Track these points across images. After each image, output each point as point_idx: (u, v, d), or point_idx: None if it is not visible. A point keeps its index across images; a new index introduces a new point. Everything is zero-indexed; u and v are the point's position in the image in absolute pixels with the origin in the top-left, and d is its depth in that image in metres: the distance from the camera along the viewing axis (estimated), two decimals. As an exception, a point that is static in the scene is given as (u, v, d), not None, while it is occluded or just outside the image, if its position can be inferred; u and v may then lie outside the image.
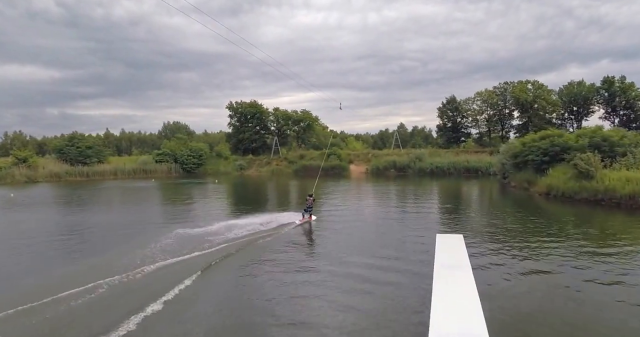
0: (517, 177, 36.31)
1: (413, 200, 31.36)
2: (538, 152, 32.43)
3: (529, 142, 34.63)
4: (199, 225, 19.98)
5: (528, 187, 33.46)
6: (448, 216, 23.35)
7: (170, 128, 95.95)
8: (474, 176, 57.84)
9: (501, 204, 28.66)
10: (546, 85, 73.16)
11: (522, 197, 30.69)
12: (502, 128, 77.02)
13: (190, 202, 33.40)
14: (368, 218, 23.50)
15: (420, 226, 20.37)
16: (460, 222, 21.17)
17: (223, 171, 78.51)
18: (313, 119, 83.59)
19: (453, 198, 33.42)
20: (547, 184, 29.06)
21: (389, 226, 20.64)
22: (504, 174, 42.31)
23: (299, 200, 31.26)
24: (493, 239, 17.04)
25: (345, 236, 18.29)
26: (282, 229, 19.37)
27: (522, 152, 34.80)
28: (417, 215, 24.02)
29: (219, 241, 16.27)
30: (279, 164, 77.12)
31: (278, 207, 27.62)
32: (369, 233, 19.10)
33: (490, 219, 21.81)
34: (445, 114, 78.46)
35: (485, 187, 43.61)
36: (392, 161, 66.21)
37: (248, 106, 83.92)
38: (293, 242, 17.05)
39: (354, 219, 22.93)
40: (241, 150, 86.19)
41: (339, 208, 27.05)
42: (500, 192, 37.06)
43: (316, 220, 21.80)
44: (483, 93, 75.57)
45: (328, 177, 65.98)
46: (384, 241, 16.98)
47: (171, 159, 79.32)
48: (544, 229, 18.80)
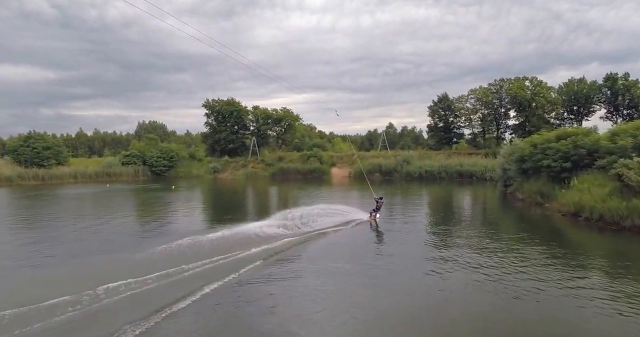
0: (527, 187, 27.71)
1: (389, 219, 22.62)
2: (557, 156, 23.81)
3: (541, 142, 26.01)
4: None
5: (542, 202, 24.86)
6: (433, 254, 14.63)
7: (145, 128, 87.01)
8: (467, 182, 49.24)
9: (512, 228, 19.96)
10: (545, 82, 64.77)
11: (537, 218, 22.10)
12: (497, 128, 68.55)
13: (96, 224, 24.43)
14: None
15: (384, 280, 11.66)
16: (454, 271, 12.47)
17: (195, 173, 69.67)
18: (294, 118, 74.78)
19: (442, 215, 24.81)
20: (574, 201, 20.43)
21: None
22: (505, 182, 33.74)
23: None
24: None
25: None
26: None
27: (533, 156, 26.21)
28: (388, 257, 15.30)
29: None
30: (255, 167, 68.32)
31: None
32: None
33: (509, 267, 13.10)
34: (437, 113, 69.89)
35: (483, 197, 35.04)
36: (376, 164, 57.52)
37: (225, 104, 75.10)
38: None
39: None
40: (218, 152, 77.39)
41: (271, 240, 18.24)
42: (503, 207, 28.45)
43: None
44: (477, 91, 67.10)
45: (307, 182, 57.39)
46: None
47: (139, 161, 70.37)
48: (606, 292, 10.16)
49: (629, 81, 61.84)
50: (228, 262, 13.08)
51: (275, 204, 32.57)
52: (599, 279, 11.37)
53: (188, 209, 28.70)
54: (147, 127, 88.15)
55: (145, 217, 25.30)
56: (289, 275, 12.10)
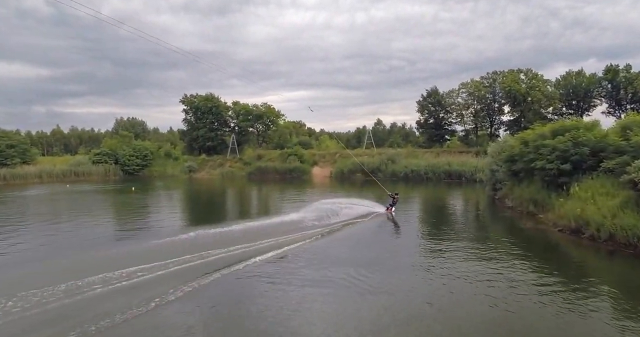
0: (517, 193, 23.01)
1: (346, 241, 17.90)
2: (553, 156, 19.06)
3: (534, 139, 21.27)
4: None
5: (535, 212, 20.16)
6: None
7: (123, 125, 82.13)
8: (456, 183, 44.52)
9: (493, 249, 15.14)
10: (541, 75, 59.93)
11: (528, 234, 17.35)
12: (490, 124, 63.69)
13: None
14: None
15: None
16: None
17: (170, 173, 64.92)
18: (275, 114, 69.93)
19: (414, 226, 20.10)
20: (574, 214, 15.70)
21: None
22: (494, 185, 29.02)
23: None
24: None
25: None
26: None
27: (524, 155, 21.49)
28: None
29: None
30: (232, 166, 63.54)
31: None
32: None
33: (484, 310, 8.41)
34: (426, 108, 65.02)
35: (468, 203, 30.34)
36: (360, 163, 52.69)
37: (203, 99, 70.23)
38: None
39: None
40: (197, 150, 72.65)
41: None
42: (489, 216, 23.72)
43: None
44: (469, 84, 62.22)
45: (284, 183, 52.69)
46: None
47: (111, 160, 65.63)
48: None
49: (631, 73, 57.01)
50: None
51: (222, 219, 27.84)
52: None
53: (111, 224, 23.91)
54: (125, 124, 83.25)
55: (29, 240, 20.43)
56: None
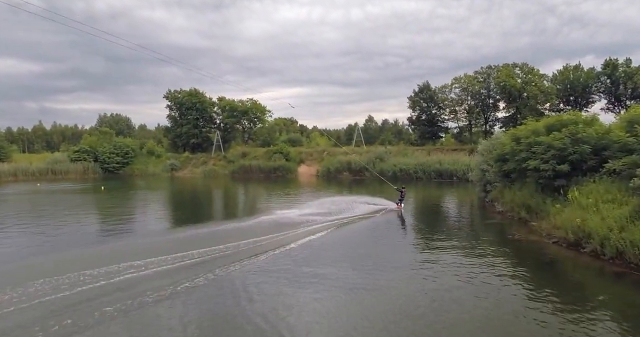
0: (508, 196, 20.42)
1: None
2: (548, 155, 16.44)
3: (526, 135, 18.63)
4: None
5: (528, 219, 17.58)
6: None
7: (107, 121, 79.14)
8: (447, 183, 41.96)
9: (477, 262, 12.50)
10: (537, 69, 57.27)
11: (518, 246, 14.70)
12: (485, 121, 61.09)
13: None
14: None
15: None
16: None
17: (152, 171, 62.20)
18: (262, 109, 67.17)
19: (392, 230, 17.50)
20: (573, 225, 13.09)
21: None
22: (484, 186, 26.41)
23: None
24: None
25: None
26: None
27: (516, 154, 18.88)
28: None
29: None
30: (215, 164, 60.84)
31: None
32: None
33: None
34: (418, 104, 62.35)
35: (456, 206, 27.76)
36: (346, 162, 50.15)
37: (187, 95, 67.42)
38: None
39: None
40: (181, 148, 69.92)
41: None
42: (476, 222, 21.09)
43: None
44: (462, 79, 59.56)
45: (269, 182, 50.06)
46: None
47: (91, 157, 62.91)
48: None
49: (631, 68, 54.46)
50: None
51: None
52: None
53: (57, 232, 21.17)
54: (109, 121, 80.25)
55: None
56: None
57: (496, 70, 58.05)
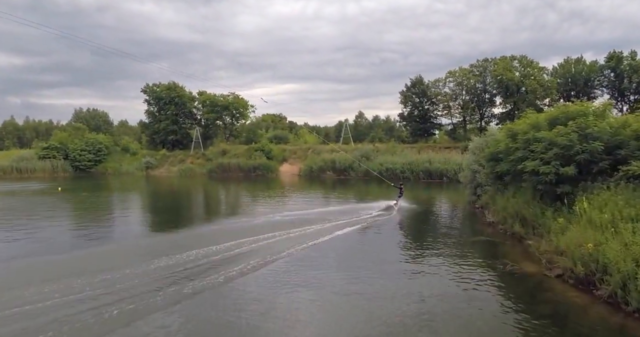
0: (500, 203, 17.03)
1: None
2: (550, 154, 13.02)
3: (524, 130, 15.21)
4: None
5: (523, 235, 14.21)
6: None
7: (82, 116, 75.37)
8: (436, 184, 38.62)
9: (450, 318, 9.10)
10: (537, 62, 53.86)
11: (512, 284, 10.98)
12: (480, 117, 57.69)
13: None
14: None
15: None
16: None
17: (125, 170, 58.61)
18: (244, 105, 63.58)
19: (354, 247, 14.08)
20: (583, 253, 9.65)
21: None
22: (475, 190, 23.05)
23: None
24: None
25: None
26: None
27: (511, 152, 15.49)
28: None
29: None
30: (193, 162, 57.32)
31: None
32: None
33: None
34: (410, 99, 58.86)
35: (441, 212, 24.36)
36: (330, 160, 46.71)
37: (165, 89, 63.75)
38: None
39: None
40: (160, 145, 66.24)
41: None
42: (459, 239, 17.36)
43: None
44: (456, 72, 56.13)
45: (248, 181, 46.65)
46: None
47: (61, 155, 59.26)
48: None
49: (636, 61, 51.23)
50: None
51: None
52: None
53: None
54: (85, 116, 76.52)
55: None
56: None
57: (493, 63, 54.65)
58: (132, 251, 14.12)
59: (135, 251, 14.18)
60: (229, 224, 18.70)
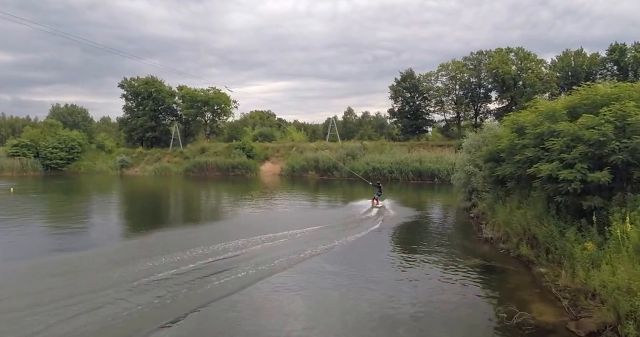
0: (501, 216, 13.35)
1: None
2: (573, 155, 9.33)
3: (534, 121, 11.50)
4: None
5: (534, 260, 10.51)
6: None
7: (60, 113, 71.30)
8: (427, 185, 35.01)
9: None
10: (535, 54, 50.31)
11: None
12: (475, 113, 54.13)
13: None
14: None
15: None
16: None
17: (99, 168, 54.63)
18: (226, 100, 59.65)
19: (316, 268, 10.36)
20: (635, 304, 6.01)
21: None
22: (470, 195, 19.40)
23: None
24: None
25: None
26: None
27: (517, 151, 11.79)
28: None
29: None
30: (170, 161, 53.42)
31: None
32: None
33: None
34: (400, 94, 55.19)
35: (428, 222, 20.50)
36: (313, 159, 42.98)
37: (142, 83, 59.73)
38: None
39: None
40: (138, 142, 62.30)
41: None
42: (445, 265, 13.58)
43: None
44: (449, 65, 52.47)
45: (226, 181, 42.89)
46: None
47: (31, 152, 55.20)
48: None
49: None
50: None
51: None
52: None
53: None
54: (63, 112, 72.46)
55: None
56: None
57: (488, 56, 51.06)
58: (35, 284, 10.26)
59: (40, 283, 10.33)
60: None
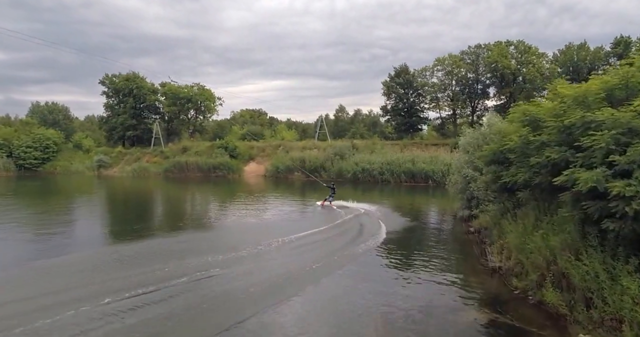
0: (512, 238, 9.93)
1: None
2: (635, 157, 6.00)
3: (557, 111, 8.18)
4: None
5: (567, 316, 7.09)
6: None
7: (40, 111, 67.68)
8: (421, 188, 31.68)
9: None
10: (536, 47, 47.09)
11: None
12: (472, 111, 50.87)
13: None
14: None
15: None
16: None
17: (75, 169, 51.13)
18: (211, 97, 56.19)
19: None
20: None
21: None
22: (469, 202, 16.08)
23: None
24: None
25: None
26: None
27: (530, 151, 8.43)
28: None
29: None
30: (149, 161, 49.94)
31: None
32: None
33: None
34: (394, 90, 51.86)
35: (418, 237, 16.83)
36: (299, 159, 39.62)
37: (123, 79, 56.24)
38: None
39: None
40: (119, 141, 58.87)
41: None
42: (458, 303, 10.38)
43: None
44: (445, 60, 49.16)
45: (207, 183, 39.55)
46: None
47: (4, 152, 51.71)
48: None
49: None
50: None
51: None
52: None
53: None
54: (43, 111, 68.87)
55: None
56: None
57: (487, 50, 47.77)
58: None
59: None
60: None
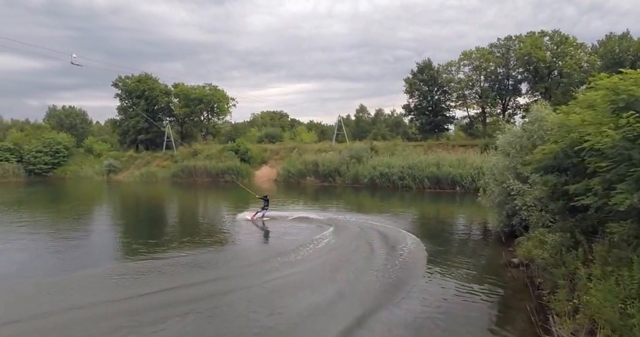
0: (596, 298, 6.32)
1: None
2: None
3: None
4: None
5: None
6: None
7: (56, 115, 66.82)
8: (447, 195, 27.78)
9: None
10: (574, 37, 42.37)
11: None
12: (503, 109, 46.41)
13: None
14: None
15: None
16: None
17: (84, 174, 49.46)
18: (223, 98, 53.65)
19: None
20: None
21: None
22: (510, 218, 12.38)
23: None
24: None
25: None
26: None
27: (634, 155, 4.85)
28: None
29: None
30: (159, 165, 47.70)
31: None
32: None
33: None
34: (417, 87, 47.90)
35: (440, 264, 12.95)
36: (312, 163, 36.32)
37: (135, 81, 54.37)
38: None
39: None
40: (132, 145, 57.00)
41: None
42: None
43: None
44: (472, 53, 44.94)
45: (215, 188, 36.90)
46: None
47: (15, 157, 50.56)
48: None
49: (703, 35, 39.33)
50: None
51: None
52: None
53: None
54: (60, 114, 68.06)
55: None
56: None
57: (518, 41, 43.34)
58: None
59: None
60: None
